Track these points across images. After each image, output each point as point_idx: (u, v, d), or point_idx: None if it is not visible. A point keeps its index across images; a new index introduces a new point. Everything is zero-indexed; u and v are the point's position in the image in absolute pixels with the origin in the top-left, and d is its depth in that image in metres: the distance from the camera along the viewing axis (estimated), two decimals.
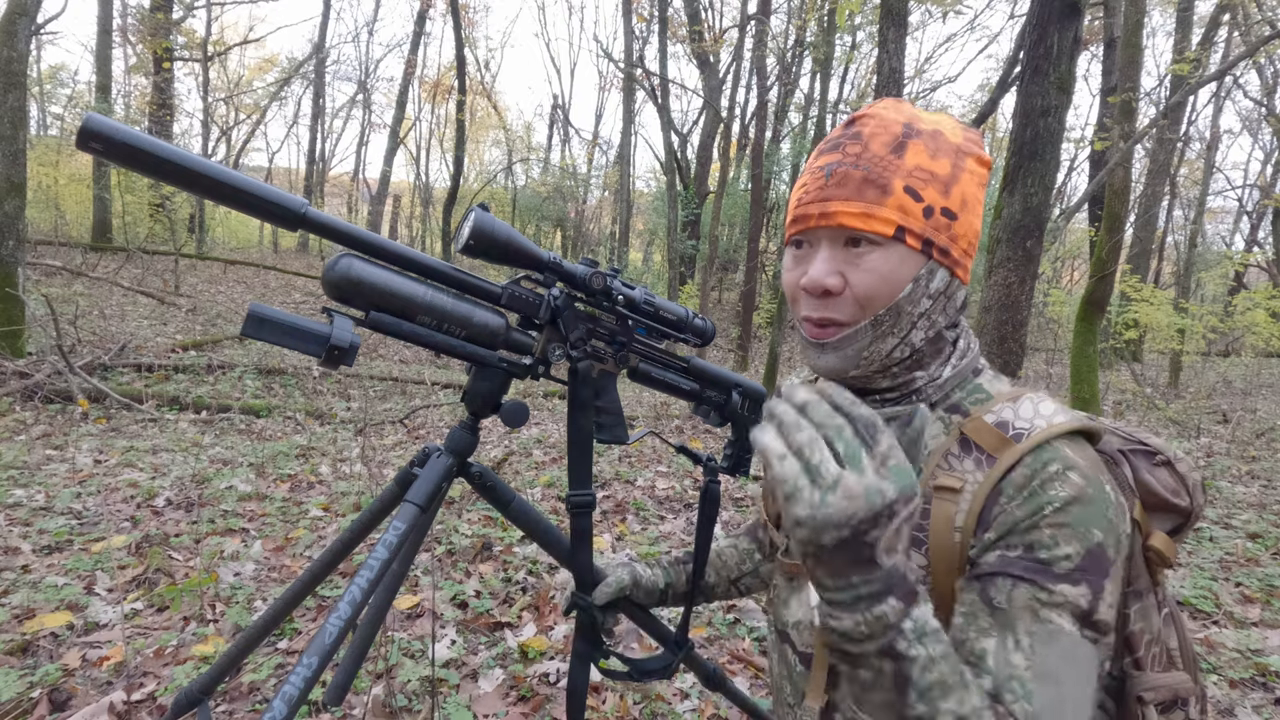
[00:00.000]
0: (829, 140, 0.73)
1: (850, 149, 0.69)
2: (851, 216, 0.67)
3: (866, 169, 0.67)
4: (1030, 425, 0.66)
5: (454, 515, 3.25)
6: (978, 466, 0.66)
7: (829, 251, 0.69)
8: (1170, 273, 22.01)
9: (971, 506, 0.64)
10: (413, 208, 27.12)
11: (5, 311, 5.56)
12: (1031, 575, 0.59)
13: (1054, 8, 3.14)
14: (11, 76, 5.62)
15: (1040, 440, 0.64)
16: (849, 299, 0.68)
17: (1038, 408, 0.68)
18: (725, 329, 14.53)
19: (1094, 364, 5.69)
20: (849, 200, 0.67)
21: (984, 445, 0.67)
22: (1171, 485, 0.74)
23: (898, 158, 0.68)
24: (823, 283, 0.68)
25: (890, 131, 0.69)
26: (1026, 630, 0.58)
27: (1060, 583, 0.59)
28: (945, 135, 0.70)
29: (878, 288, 0.67)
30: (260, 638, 1.05)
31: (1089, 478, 0.62)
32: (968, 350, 0.74)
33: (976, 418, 0.69)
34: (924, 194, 0.67)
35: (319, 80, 22.15)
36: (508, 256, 0.86)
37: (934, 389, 0.72)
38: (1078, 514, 0.60)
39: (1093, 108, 22.53)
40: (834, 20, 9.01)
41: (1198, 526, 3.57)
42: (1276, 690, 2.14)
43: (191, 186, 0.69)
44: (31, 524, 2.86)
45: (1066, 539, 0.60)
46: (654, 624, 1.05)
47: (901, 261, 0.67)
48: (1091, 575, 0.59)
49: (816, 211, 0.69)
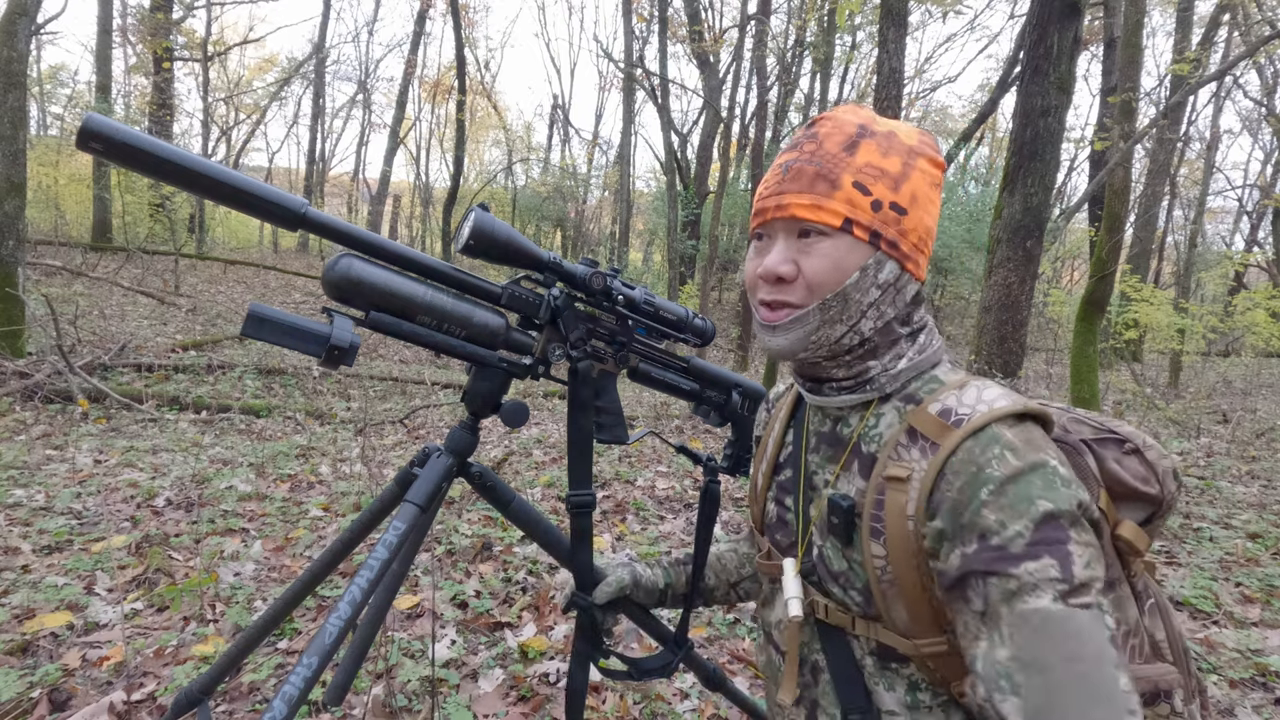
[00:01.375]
0: (791, 140, 0.77)
1: (807, 147, 0.74)
2: (802, 208, 0.71)
3: (819, 165, 0.72)
4: (971, 410, 0.67)
5: (454, 515, 3.25)
6: (923, 455, 0.67)
7: (784, 242, 0.73)
8: (1170, 273, 22.00)
9: (920, 494, 0.66)
10: (413, 208, 27.12)
11: (5, 311, 5.56)
12: (993, 566, 0.59)
13: (1054, 8, 3.15)
14: (11, 76, 5.62)
15: (979, 425, 0.65)
16: (800, 285, 0.72)
17: (981, 394, 0.69)
18: (725, 329, 14.53)
19: (1094, 364, 5.69)
20: (801, 193, 0.71)
21: (927, 433, 0.68)
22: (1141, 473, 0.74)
23: (849, 155, 0.72)
24: (776, 270, 0.72)
25: (844, 132, 0.73)
26: (1008, 623, 0.58)
27: (1022, 562, 0.58)
28: (899, 137, 0.74)
29: (826, 273, 0.71)
30: (260, 638, 1.05)
31: (1024, 455, 0.62)
32: (927, 345, 0.76)
33: (923, 408, 0.70)
34: (873, 189, 0.71)
35: (319, 80, 22.15)
36: (508, 256, 0.86)
37: (888, 379, 0.74)
38: (1016, 490, 0.60)
39: (1093, 108, 22.56)
40: (834, 20, 9.01)
41: (1197, 526, 3.57)
42: (1276, 690, 2.14)
43: (191, 186, 0.69)
44: (31, 524, 2.86)
45: (1011, 516, 0.59)
46: (654, 624, 1.05)
47: (849, 251, 0.71)
48: (1051, 544, 0.58)
49: (773, 205, 0.73)
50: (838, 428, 0.78)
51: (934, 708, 0.70)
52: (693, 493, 3.91)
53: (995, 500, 0.60)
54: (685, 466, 4.46)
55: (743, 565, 1.07)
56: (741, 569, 1.07)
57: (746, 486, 4.23)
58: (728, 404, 1.10)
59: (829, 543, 0.75)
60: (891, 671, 0.72)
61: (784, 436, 0.88)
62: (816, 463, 0.80)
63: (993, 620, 0.59)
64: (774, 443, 0.89)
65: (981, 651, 0.59)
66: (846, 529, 0.72)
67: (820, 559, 0.76)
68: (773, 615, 0.85)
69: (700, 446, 5.11)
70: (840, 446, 0.77)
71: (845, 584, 0.73)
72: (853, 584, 0.73)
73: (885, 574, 0.69)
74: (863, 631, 0.73)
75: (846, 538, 0.72)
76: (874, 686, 0.73)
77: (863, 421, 0.75)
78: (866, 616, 0.72)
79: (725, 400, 1.10)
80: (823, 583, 0.76)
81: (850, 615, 0.73)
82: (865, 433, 0.74)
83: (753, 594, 1.08)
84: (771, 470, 0.88)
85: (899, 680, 0.72)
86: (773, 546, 0.86)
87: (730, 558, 1.07)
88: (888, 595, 0.69)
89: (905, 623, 0.69)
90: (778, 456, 0.88)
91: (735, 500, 3.90)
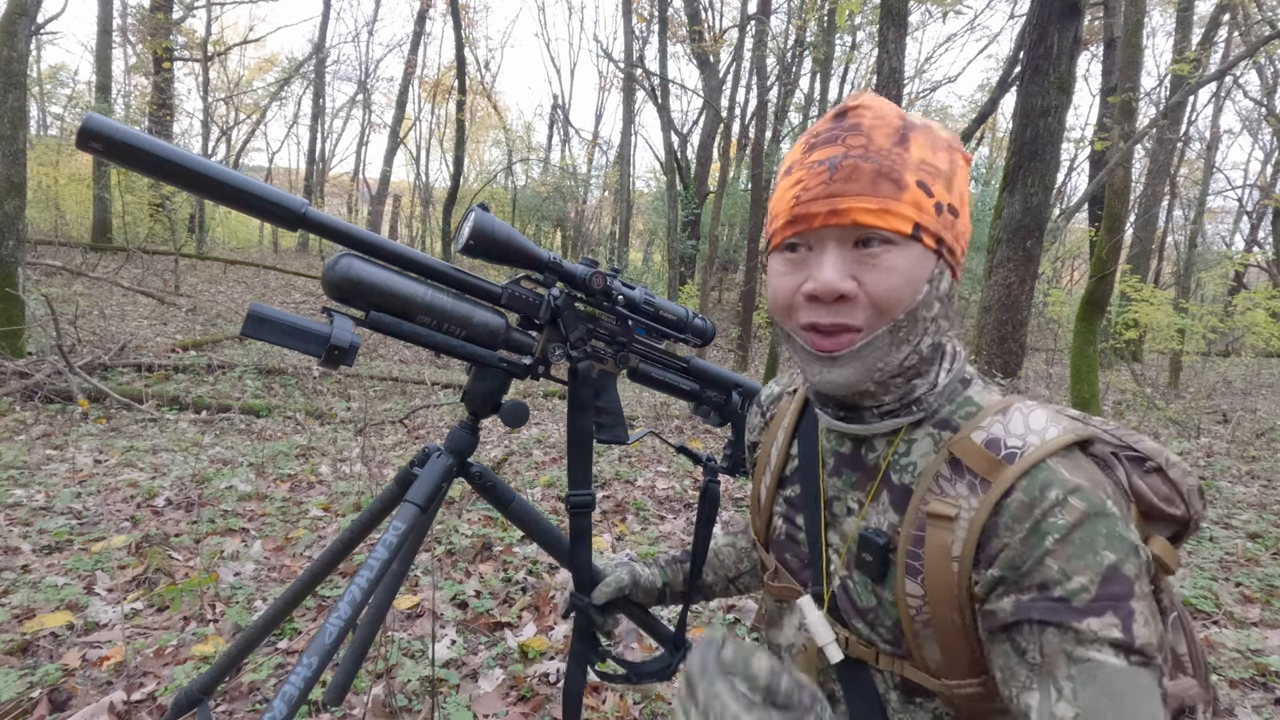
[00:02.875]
0: (819, 134, 0.67)
1: (852, 141, 0.63)
2: (867, 213, 0.61)
3: (877, 162, 0.62)
4: (1023, 443, 0.61)
5: (454, 515, 3.25)
6: (971, 491, 0.62)
7: (838, 253, 0.63)
8: (1170, 273, 22.00)
9: (969, 535, 0.61)
10: (413, 208, 27.12)
11: (5, 311, 5.56)
12: (1054, 617, 0.55)
13: (1054, 8, 3.15)
14: (11, 76, 5.62)
15: (1034, 460, 0.60)
16: (864, 304, 0.62)
17: (1028, 421, 0.63)
18: (725, 329, 14.53)
19: (1094, 364, 5.69)
20: (862, 195, 0.61)
21: (975, 469, 0.62)
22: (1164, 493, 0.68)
23: (904, 150, 0.63)
24: (838, 287, 0.62)
25: (890, 123, 0.64)
26: (1066, 676, 0.54)
27: (1085, 618, 0.55)
28: (934, 130, 0.66)
29: (898, 290, 0.62)
30: (260, 638, 1.05)
31: (1090, 499, 0.58)
32: (956, 355, 0.70)
33: (965, 436, 0.64)
34: (933, 189, 0.63)
35: (319, 80, 22.15)
36: (508, 256, 0.86)
37: (934, 397, 0.68)
38: (1081, 539, 0.56)
39: (1093, 108, 22.55)
40: (834, 20, 9.01)
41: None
42: (1276, 690, 2.14)
43: (191, 186, 0.69)
44: (31, 524, 2.86)
45: (1077, 569, 0.56)
46: (653, 624, 1.05)
47: (919, 261, 0.62)
48: (1114, 600, 0.55)
49: (824, 209, 0.62)
50: (861, 451, 0.72)
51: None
52: (693, 493, 3.91)
53: (1060, 550, 0.56)
54: (685, 466, 4.46)
55: (741, 560, 1.05)
56: (740, 564, 1.05)
57: (746, 486, 4.23)
58: (728, 404, 1.10)
59: (856, 576, 0.70)
60: (916, 706, 0.68)
61: (789, 448, 0.81)
62: (837, 487, 0.73)
63: (1047, 672, 0.56)
64: (778, 454, 0.82)
65: (1035, 703, 0.56)
66: (880, 566, 0.66)
67: (844, 591, 0.71)
68: (781, 637, 0.80)
69: (700, 446, 5.11)
70: (865, 473, 0.71)
71: (873, 621, 0.69)
72: (881, 621, 0.68)
73: (920, 614, 0.64)
74: (887, 666, 0.68)
75: (879, 575, 0.67)
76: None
77: (891, 448, 0.69)
78: (894, 655, 0.68)
79: (725, 400, 1.10)
80: (846, 616, 0.71)
81: (874, 650, 0.69)
82: (895, 461, 0.68)
83: (753, 588, 1.07)
84: (776, 484, 0.82)
85: (923, 715, 0.68)
86: (781, 565, 0.81)
87: (728, 553, 1.06)
88: (921, 635, 0.65)
89: (938, 663, 0.65)
90: (783, 470, 0.82)
91: (735, 500, 3.90)
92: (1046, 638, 0.56)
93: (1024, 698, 0.57)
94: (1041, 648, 0.56)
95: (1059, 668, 0.55)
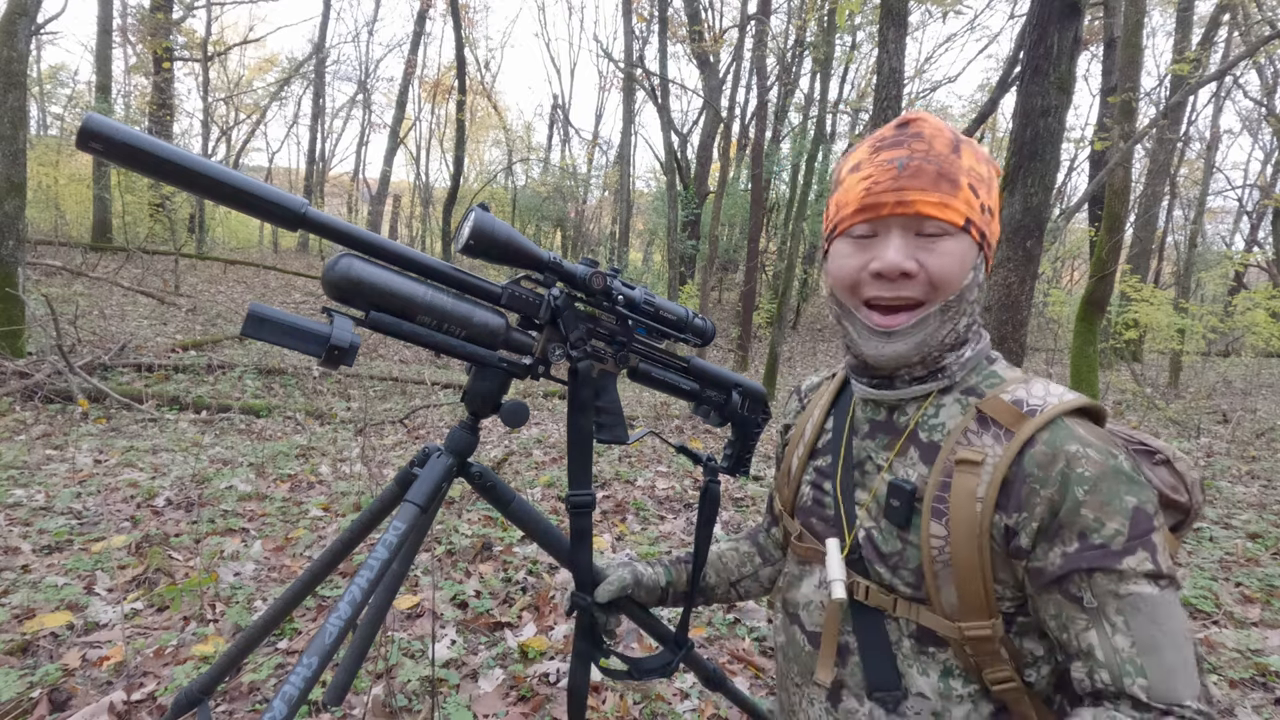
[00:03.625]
0: (885, 138, 0.78)
1: (916, 146, 0.75)
2: (930, 205, 0.72)
3: (938, 165, 0.73)
4: (1043, 402, 0.72)
5: (454, 515, 3.25)
6: (996, 441, 0.72)
7: (902, 238, 0.74)
8: (1170, 273, 22.00)
9: (994, 477, 0.70)
10: (413, 208, 27.11)
11: (5, 311, 5.56)
12: (1098, 563, 0.65)
13: (1054, 8, 3.14)
14: (11, 76, 5.62)
15: (1053, 414, 0.70)
16: (923, 281, 0.73)
17: (1048, 388, 0.74)
18: (725, 329, 14.53)
19: (1094, 364, 5.69)
20: (925, 190, 0.72)
21: (1001, 420, 0.72)
22: (1171, 482, 0.78)
23: (958, 158, 0.75)
24: (901, 265, 0.72)
25: (945, 135, 0.76)
26: (1116, 612, 0.65)
27: (1123, 558, 0.65)
28: (975, 145, 0.78)
29: (953, 271, 0.73)
30: (260, 638, 1.05)
31: (1105, 451, 0.68)
32: (981, 336, 0.81)
33: (993, 397, 0.74)
34: (979, 191, 0.75)
35: (319, 80, 22.14)
36: (508, 256, 0.86)
37: (958, 368, 0.78)
38: (1108, 488, 0.66)
39: (1093, 108, 22.55)
40: (834, 20, 9.01)
41: (1197, 526, 3.57)
42: (1276, 690, 2.14)
43: (191, 186, 0.69)
44: (31, 524, 2.86)
45: (1109, 515, 0.66)
46: (654, 623, 1.05)
47: (968, 250, 0.74)
48: (1142, 536, 0.65)
49: (893, 200, 0.73)
50: (894, 416, 0.82)
51: (965, 697, 0.74)
52: (693, 493, 3.91)
53: (1091, 499, 0.66)
54: (685, 466, 4.46)
55: (743, 564, 1.08)
56: (742, 567, 1.07)
57: (747, 486, 4.24)
58: (728, 404, 1.10)
59: (882, 524, 0.78)
60: (928, 656, 0.75)
61: (824, 423, 0.91)
62: (869, 449, 0.82)
63: (1100, 612, 0.66)
64: (813, 428, 0.92)
65: (1096, 640, 0.66)
66: (907, 511, 0.75)
67: (869, 540, 0.79)
68: (800, 596, 0.87)
69: (700, 446, 5.10)
70: (896, 434, 0.80)
71: (896, 565, 0.76)
72: (905, 565, 0.75)
73: (942, 554, 0.72)
74: (903, 614, 0.76)
75: (905, 520, 0.75)
76: (907, 669, 0.76)
77: (920, 410, 0.79)
78: (912, 599, 0.75)
79: (725, 400, 1.10)
80: (868, 564, 0.79)
81: (892, 597, 0.76)
82: (924, 421, 0.78)
83: (753, 593, 1.09)
84: (808, 455, 0.91)
85: (933, 665, 0.75)
86: (805, 530, 0.89)
87: (731, 556, 1.08)
88: (940, 576, 0.72)
89: (953, 605, 0.72)
90: (815, 442, 0.91)
91: (735, 500, 3.90)
92: (1095, 582, 0.66)
93: (1084, 638, 0.66)
94: (1093, 591, 0.66)
95: (1109, 605, 0.65)
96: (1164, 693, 0.63)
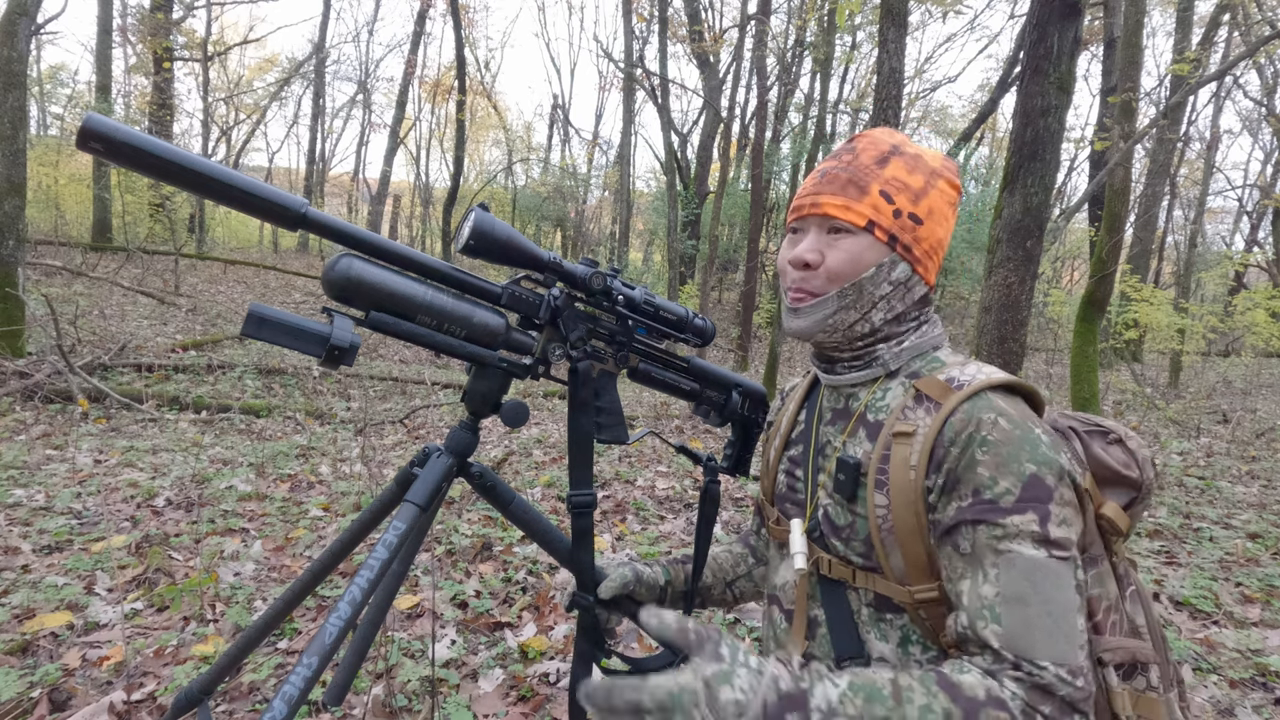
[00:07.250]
0: (833, 151, 0.88)
1: (845, 158, 0.85)
2: (833, 207, 0.81)
3: (851, 173, 0.82)
4: (972, 378, 0.77)
5: (454, 515, 3.25)
6: (927, 413, 0.77)
7: (815, 235, 0.83)
8: (1170, 273, 21.99)
9: (923, 447, 0.75)
10: (413, 208, 27.11)
11: (5, 311, 5.56)
12: (983, 515, 0.69)
13: (1054, 8, 3.14)
14: (11, 76, 5.62)
15: (977, 389, 0.75)
16: (822, 274, 0.82)
17: (981, 368, 0.79)
18: (725, 329, 14.52)
19: (1094, 364, 5.69)
20: (834, 195, 0.82)
21: (931, 395, 0.78)
22: (1123, 459, 0.82)
23: (880, 168, 0.83)
24: (803, 257, 0.83)
25: (879, 149, 0.84)
26: (991, 564, 0.68)
27: (1008, 515, 0.68)
28: (925, 159, 0.85)
29: (845, 265, 0.81)
30: (260, 638, 1.05)
31: (1016, 422, 0.72)
32: (929, 332, 0.86)
33: (930, 376, 0.81)
34: (896, 199, 0.81)
35: (319, 80, 22.14)
36: (508, 256, 0.86)
37: (892, 357, 0.84)
38: (1008, 452, 0.70)
39: (1093, 108, 22.54)
40: (834, 20, 9.01)
41: (1197, 526, 3.57)
42: (1276, 690, 2.14)
43: (191, 187, 0.69)
44: (31, 524, 2.86)
45: (1003, 474, 0.69)
46: None
47: (868, 248, 0.81)
48: (1034, 501, 0.68)
49: (809, 202, 0.84)
50: (849, 403, 0.88)
51: (923, 662, 0.77)
52: (693, 493, 3.91)
53: (989, 459, 0.70)
54: (685, 466, 4.46)
55: (737, 564, 1.10)
56: (736, 568, 1.09)
57: (747, 486, 4.25)
58: (728, 404, 1.10)
59: (834, 500, 0.83)
60: (886, 623, 0.79)
61: (797, 416, 0.98)
62: (830, 434, 0.89)
63: (977, 561, 0.69)
64: (787, 421, 0.98)
65: (966, 587, 0.69)
66: (852, 485, 0.80)
67: (825, 517, 0.84)
68: (779, 578, 0.93)
69: (700, 446, 5.10)
70: (849, 417, 0.87)
71: (848, 537, 0.81)
72: (855, 536, 0.80)
73: (886, 522, 0.77)
74: (862, 584, 0.80)
75: (851, 493, 0.80)
76: (867, 635, 0.80)
77: (870, 394, 0.85)
78: (866, 569, 0.80)
79: (725, 400, 1.10)
80: (826, 538, 0.84)
81: (851, 568, 0.81)
82: (872, 403, 0.84)
83: (748, 595, 1.10)
84: (783, 446, 0.97)
85: (892, 631, 0.79)
86: (781, 514, 0.94)
87: (725, 557, 1.10)
88: (886, 543, 0.77)
89: (901, 570, 0.77)
90: (789, 433, 0.97)
91: (735, 500, 3.90)
92: (977, 534, 0.69)
93: (958, 585, 0.70)
94: (974, 541, 0.69)
95: (986, 557, 0.68)
96: (1019, 646, 0.64)
